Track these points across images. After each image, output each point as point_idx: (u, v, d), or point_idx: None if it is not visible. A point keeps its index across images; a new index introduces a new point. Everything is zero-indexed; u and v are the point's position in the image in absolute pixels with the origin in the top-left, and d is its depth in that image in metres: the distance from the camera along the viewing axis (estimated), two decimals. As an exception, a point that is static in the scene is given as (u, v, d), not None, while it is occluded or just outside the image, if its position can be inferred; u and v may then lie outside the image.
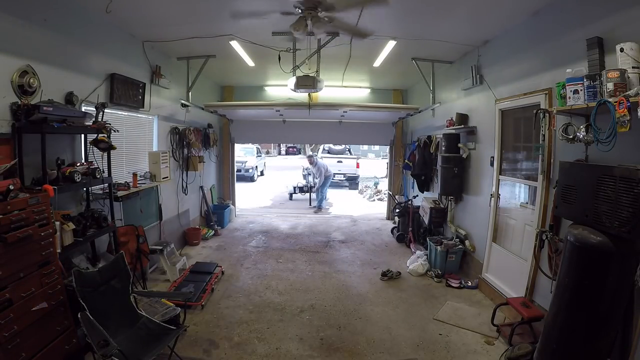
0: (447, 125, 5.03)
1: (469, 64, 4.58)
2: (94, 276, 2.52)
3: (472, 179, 4.66)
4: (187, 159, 5.80)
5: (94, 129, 3.13)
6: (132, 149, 4.39)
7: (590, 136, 2.34)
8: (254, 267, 4.89)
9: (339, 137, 8.74)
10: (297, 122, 7.75)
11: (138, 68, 4.38)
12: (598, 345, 2.09)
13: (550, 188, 3.04)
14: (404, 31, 4.08)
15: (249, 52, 4.90)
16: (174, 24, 3.91)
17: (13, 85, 2.58)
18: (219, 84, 7.68)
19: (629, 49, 2.07)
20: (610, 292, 2.01)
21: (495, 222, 4.02)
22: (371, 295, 4.09)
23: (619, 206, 1.87)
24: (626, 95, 1.92)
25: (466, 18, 3.61)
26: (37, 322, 2.22)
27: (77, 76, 3.29)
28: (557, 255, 2.81)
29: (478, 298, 3.99)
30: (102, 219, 3.17)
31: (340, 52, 4.71)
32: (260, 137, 7.77)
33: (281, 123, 7.75)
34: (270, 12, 3.46)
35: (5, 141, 2.52)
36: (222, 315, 3.55)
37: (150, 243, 4.37)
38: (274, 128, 7.87)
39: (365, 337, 3.18)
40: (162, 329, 2.57)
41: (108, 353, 1.89)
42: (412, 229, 5.89)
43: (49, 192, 2.44)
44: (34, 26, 2.77)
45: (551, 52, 3.08)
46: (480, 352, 2.96)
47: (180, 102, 5.59)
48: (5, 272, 2.04)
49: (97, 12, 3.38)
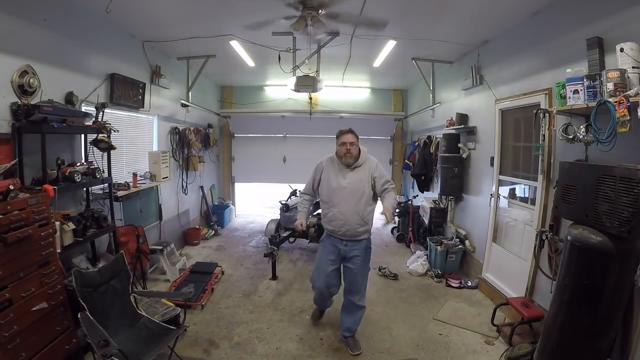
0: (447, 125, 5.03)
1: (469, 64, 4.58)
2: (94, 276, 2.51)
3: (472, 179, 4.66)
4: (187, 159, 5.79)
5: (94, 129, 3.13)
6: (132, 149, 4.39)
7: (590, 136, 2.34)
8: (254, 267, 4.89)
9: None
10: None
11: (138, 68, 4.38)
12: (598, 345, 2.09)
13: (550, 188, 3.04)
14: (404, 31, 4.08)
15: (249, 52, 4.90)
16: (174, 24, 3.91)
17: (13, 85, 2.58)
18: (219, 84, 7.69)
19: (629, 49, 2.07)
20: (610, 292, 2.00)
21: (495, 222, 4.02)
22: (371, 295, 4.08)
23: (619, 206, 1.87)
24: (626, 95, 1.92)
25: (466, 18, 3.61)
26: (37, 322, 2.22)
27: (77, 76, 3.29)
28: (557, 255, 2.81)
29: (478, 298, 3.99)
30: (102, 219, 3.17)
31: (340, 52, 4.71)
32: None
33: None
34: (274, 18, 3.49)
35: (5, 141, 2.52)
36: (222, 315, 3.55)
37: (150, 243, 4.37)
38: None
39: (365, 337, 3.18)
40: (162, 329, 2.56)
41: (108, 353, 1.89)
42: (412, 229, 5.89)
43: (49, 192, 2.44)
44: (34, 26, 2.78)
45: (551, 52, 3.08)
46: (480, 352, 2.96)
47: (180, 102, 5.59)
48: (5, 272, 2.04)
49: (97, 12, 3.38)
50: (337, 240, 2.97)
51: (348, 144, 2.87)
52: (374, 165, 2.95)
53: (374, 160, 3.01)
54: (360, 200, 2.86)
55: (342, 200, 2.88)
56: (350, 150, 2.87)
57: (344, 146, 2.88)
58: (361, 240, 2.94)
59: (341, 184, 2.90)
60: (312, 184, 3.12)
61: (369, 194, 2.90)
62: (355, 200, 2.85)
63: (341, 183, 2.90)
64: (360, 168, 2.93)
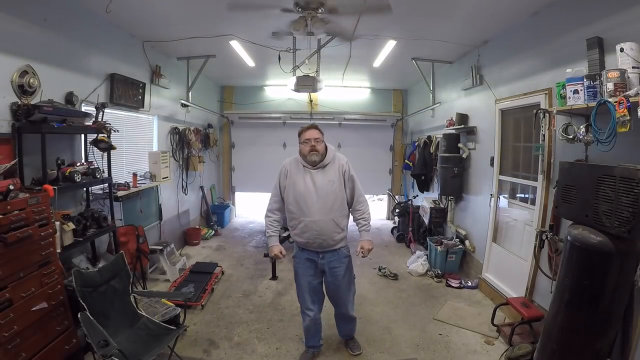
0: (447, 125, 5.03)
1: (469, 64, 4.58)
2: (94, 276, 2.51)
3: (472, 179, 4.66)
4: (187, 159, 5.80)
5: (94, 129, 3.13)
6: (132, 149, 4.39)
7: (590, 136, 2.34)
8: (254, 267, 4.89)
9: None
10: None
11: (138, 68, 4.38)
12: (598, 345, 2.09)
13: (550, 188, 3.04)
14: (404, 31, 4.08)
15: (249, 52, 4.90)
16: (174, 24, 3.91)
17: (13, 85, 2.58)
18: (219, 84, 7.68)
19: (629, 49, 2.07)
20: (610, 292, 2.00)
21: (495, 222, 4.02)
22: (371, 295, 4.09)
23: (619, 206, 1.87)
24: (626, 95, 1.92)
25: (466, 18, 3.61)
26: (37, 322, 2.22)
27: (77, 76, 3.29)
28: (557, 255, 2.81)
29: (478, 298, 3.99)
30: (102, 219, 3.17)
31: (340, 52, 4.71)
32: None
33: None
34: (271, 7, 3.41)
35: (5, 141, 2.52)
36: (222, 315, 3.55)
37: (150, 243, 4.37)
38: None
39: (365, 337, 3.18)
40: (162, 329, 2.57)
41: (108, 353, 1.89)
42: (412, 229, 5.89)
43: (49, 192, 2.44)
44: (34, 26, 2.77)
45: (551, 52, 3.07)
46: (480, 352, 2.96)
47: (180, 102, 5.59)
48: (5, 272, 2.04)
49: (97, 12, 3.38)
50: (313, 253, 2.64)
51: (312, 140, 2.52)
52: (344, 163, 2.62)
53: (343, 157, 2.66)
54: (333, 205, 2.53)
55: (313, 207, 2.51)
56: (316, 147, 2.52)
57: (307, 143, 2.53)
58: (339, 249, 2.65)
59: (309, 188, 2.53)
60: (279, 192, 2.68)
61: (342, 197, 2.58)
62: (328, 206, 2.52)
63: (309, 187, 2.53)
64: (329, 167, 2.58)
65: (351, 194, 2.63)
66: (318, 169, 2.57)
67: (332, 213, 2.54)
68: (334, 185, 2.54)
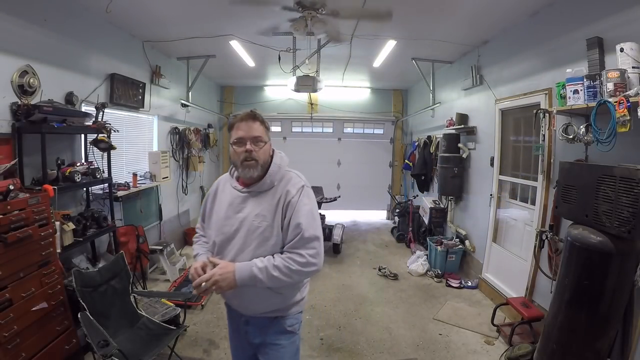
0: (447, 125, 5.04)
1: (469, 64, 4.58)
2: (94, 276, 2.51)
3: (472, 179, 4.66)
4: (187, 159, 5.79)
5: (94, 129, 3.13)
6: (132, 149, 4.39)
7: (590, 136, 2.34)
8: (254, 267, 4.88)
9: None
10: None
11: (138, 68, 4.38)
12: (598, 345, 2.09)
13: (550, 188, 3.04)
14: (404, 31, 4.08)
15: (249, 52, 4.90)
16: (174, 24, 3.91)
17: (13, 85, 2.58)
18: (219, 84, 7.68)
19: (629, 49, 2.07)
20: (610, 292, 2.01)
21: (495, 222, 4.02)
22: (371, 295, 4.09)
23: (619, 206, 1.87)
24: (626, 95, 1.92)
25: (466, 18, 3.61)
26: (37, 322, 2.22)
27: (77, 76, 3.29)
28: (557, 255, 2.81)
29: (478, 298, 3.99)
30: (102, 219, 3.17)
31: (340, 52, 4.71)
32: None
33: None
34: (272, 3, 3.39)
35: (5, 141, 2.52)
36: (222, 315, 3.54)
37: (150, 243, 4.37)
38: None
39: (365, 337, 3.18)
40: (162, 329, 2.57)
41: (108, 353, 1.89)
42: (412, 229, 5.89)
43: (49, 192, 2.44)
44: (34, 26, 2.77)
45: (551, 52, 3.08)
46: (480, 352, 2.96)
47: (180, 102, 5.59)
48: (5, 272, 2.04)
49: (97, 12, 3.38)
50: (235, 313, 1.64)
51: (249, 140, 1.49)
52: (295, 191, 1.51)
53: (298, 179, 1.57)
54: (256, 251, 1.47)
55: (233, 248, 1.50)
56: (253, 153, 1.49)
57: (241, 145, 1.51)
58: (274, 318, 1.57)
59: (230, 218, 1.53)
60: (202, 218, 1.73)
61: (274, 242, 1.48)
62: (255, 244, 1.48)
63: (230, 216, 1.54)
64: (268, 194, 1.52)
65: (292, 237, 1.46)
66: (250, 192, 1.54)
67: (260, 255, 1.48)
68: (262, 224, 1.48)
